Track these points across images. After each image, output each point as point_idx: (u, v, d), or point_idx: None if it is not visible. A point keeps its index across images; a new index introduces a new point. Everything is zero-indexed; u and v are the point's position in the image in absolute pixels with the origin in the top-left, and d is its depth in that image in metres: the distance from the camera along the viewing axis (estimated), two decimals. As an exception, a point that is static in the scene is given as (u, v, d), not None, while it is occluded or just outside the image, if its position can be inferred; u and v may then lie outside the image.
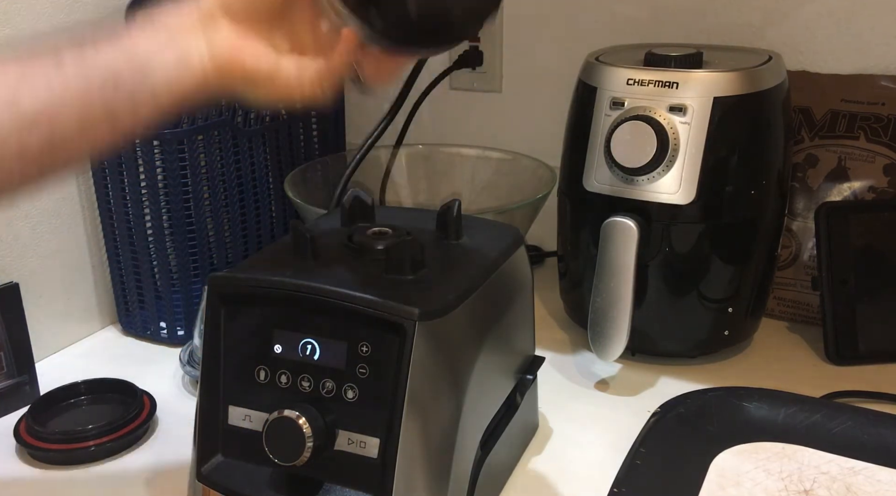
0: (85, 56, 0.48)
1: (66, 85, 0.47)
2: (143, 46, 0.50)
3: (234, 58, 0.51)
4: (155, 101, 0.50)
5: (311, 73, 0.52)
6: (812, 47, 0.91)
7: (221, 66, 0.51)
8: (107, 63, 0.48)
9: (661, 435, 0.68)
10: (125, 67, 0.49)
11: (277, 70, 0.52)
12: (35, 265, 0.87)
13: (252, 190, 0.94)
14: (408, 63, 0.56)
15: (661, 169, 0.75)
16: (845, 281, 0.84)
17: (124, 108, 0.49)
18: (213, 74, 0.51)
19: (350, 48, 0.51)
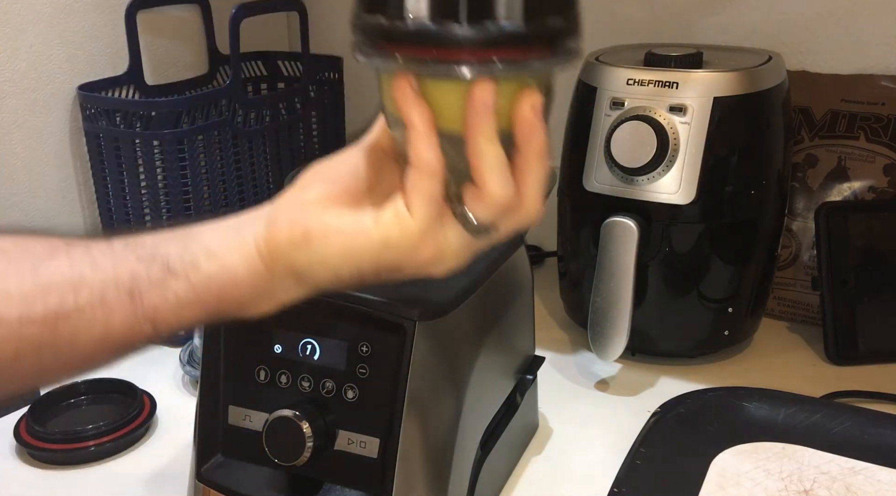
0: (125, 238, 0.44)
1: (92, 261, 0.42)
2: (201, 229, 0.45)
3: (294, 225, 0.43)
4: (193, 277, 0.43)
5: (384, 217, 0.42)
6: (812, 47, 0.91)
7: (276, 235, 0.43)
8: (147, 239, 0.44)
9: (661, 435, 0.68)
10: (170, 246, 0.44)
11: (346, 223, 0.43)
12: (35, 265, 0.87)
13: (252, 190, 0.94)
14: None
15: (661, 169, 0.75)
16: (845, 281, 0.84)
17: (154, 281, 0.42)
18: (267, 253, 0.44)
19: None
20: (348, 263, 0.43)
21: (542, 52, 0.37)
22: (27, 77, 0.83)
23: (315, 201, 0.43)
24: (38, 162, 0.85)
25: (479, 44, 0.36)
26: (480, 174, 0.40)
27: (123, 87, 0.92)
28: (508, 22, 0.36)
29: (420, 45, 0.37)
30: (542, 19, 0.37)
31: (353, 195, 0.44)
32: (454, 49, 0.36)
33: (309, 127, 1.03)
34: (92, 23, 0.88)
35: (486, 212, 0.41)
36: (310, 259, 0.43)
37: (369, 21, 0.38)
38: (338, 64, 1.07)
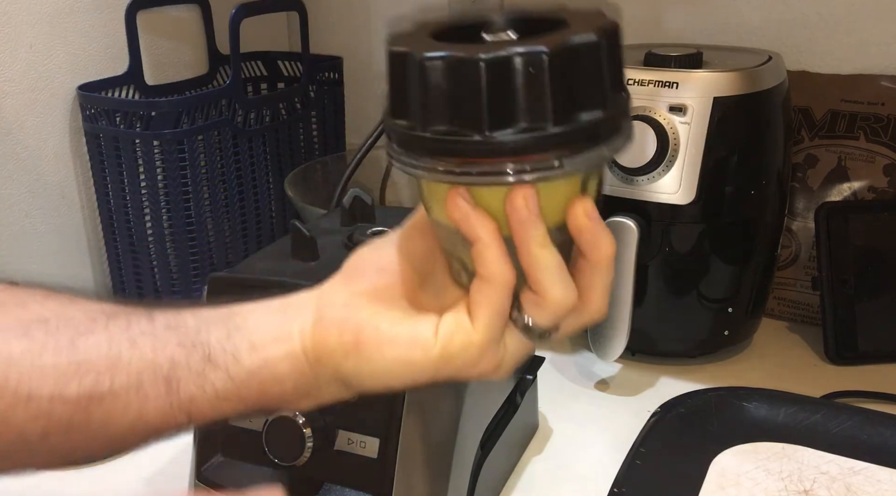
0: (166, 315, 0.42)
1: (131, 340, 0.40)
2: (244, 312, 0.42)
3: (344, 327, 0.40)
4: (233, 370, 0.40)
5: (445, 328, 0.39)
6: (812, 47, 0.91)
7: (324, 337, 0.41)
8: (189, 321, 0.41)
9: (661, 435, 0.68)
10: (212, 331, 0.41)
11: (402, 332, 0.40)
12: (35, 265, 0.87)
13: (252, 190, 0.94)
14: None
15: (660, 169, 0.75)
16: (845, 281, 0.84)
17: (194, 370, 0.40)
18: (312, 351, 0.41)
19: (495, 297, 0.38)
20: (402, 376, 0.40)
21: (580, 149, 0.35)
22: (27, 77, 0.83)
23: (366, 297, 0.40)
24: (38, 162, 0.85)
25: (508, 151, 0.34)
26: (538, 281, 0.37)
27: (123, 87, 0.92)
28: (537, 126, 0.34)
29: (447, 154, 0.35)
30: (575, 117, 0.35)
31: (406, 287, 0.41)
32: (484, 158, 0.35)
33: (309, 127, 1.03)
34: (92, 23, 0.88)
35: (547, 317, 0.39)
36: (359, 369, 0.40)
37: (397, 127, 0.37)
38: (338, 64, 1.07)
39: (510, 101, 0.34)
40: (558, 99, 0.34)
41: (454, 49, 0.34)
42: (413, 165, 0.36)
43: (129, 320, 0.41)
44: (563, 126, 0.34)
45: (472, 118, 0.34)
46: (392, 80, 0.37)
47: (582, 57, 0.34)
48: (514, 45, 0.34)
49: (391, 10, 1.14)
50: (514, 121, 0.34)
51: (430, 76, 0.34)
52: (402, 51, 0.35)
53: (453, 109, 0.34)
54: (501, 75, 0.33)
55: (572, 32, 0.35)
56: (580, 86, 0.35)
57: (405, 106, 0.36)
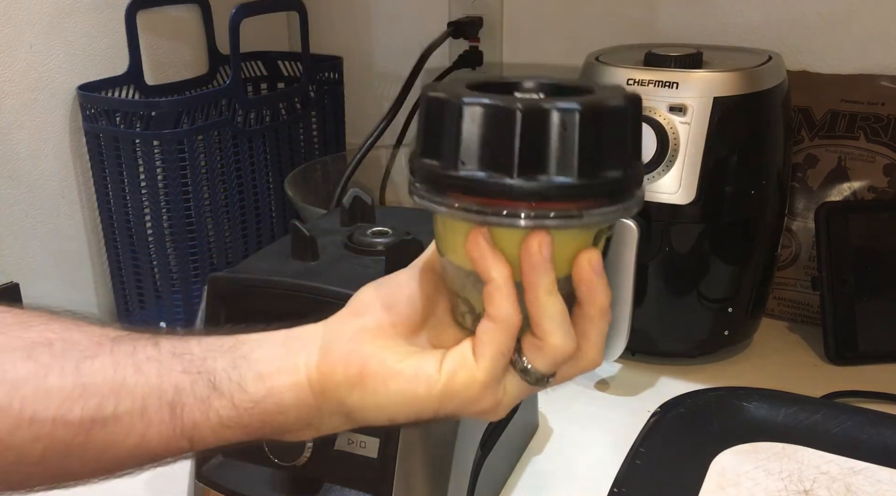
0: (172, 342, 0.42)
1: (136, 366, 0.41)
2: (248, 341, 0.43)
3: (350, 360, 0.41)
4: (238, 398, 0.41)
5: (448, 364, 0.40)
6: (812, 47, 0.91)
7: (330, 369, 0.41)
8: (195, 349, 0.42)
9: (661, 435, 0.68)
10: (217, 359, 0.42)
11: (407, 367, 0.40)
12: (35, 265, 0.87)
13: (252, 190, 0.94)
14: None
15: (661, 169, 0.75)
16: (845, 281, 0.84)
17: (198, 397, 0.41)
18: (317, 383, 0.41)
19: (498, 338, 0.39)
20: (405, 411, 0.41)
21: (600, 204, 0.37)
22: (27, 77, 0.83)
23: (371, 332, 0.41)
24: (38, 162, 0.85)
25: (533, 196, 0.36)
26: (541, 327, 0.39)
27: (123, 87, 0.92)
28: (563, 176, 0.36)
29: (473, 194, 0.37)
30: (599, 173, 0.37)
31: (409, 325, 0.42)
32: (508, 200, 0.36)
33: (309, 127, 1.03)
34: (92, 23, 0.88)
35: (546, 363, 0.40)
36: (364, 402, 0.41)
37: (425, 165, 0.38)
38: (338, 64, 1.07)
39: (541, 150, 0.36)
40: (586, 154, 0.36)
41: (493, 97, 0.36)
42: (438, 202, 0.38)
43: (135, 345, 0.41)
44: (587, 179, 0.36)
45: (504, 162, 0.36)
46: (427, 122, 0.39)
47: (611, 118, 0.37)
48: (550, 101, 0.36)
49: (391, 10, 1.14)
50: (543, 169, 0.36)
51: (467, 119, 0.36)
52: (441, 96, 0.37)
53: (486, 152, 0.36)
54: (536, 125, 0.35)
55: (603, 96, 0.37)
56: (606, 145, 0.37)
57: (437, 147, 0.38)
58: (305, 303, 0.57)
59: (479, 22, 1.06)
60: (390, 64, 1.16)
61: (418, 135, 0.40)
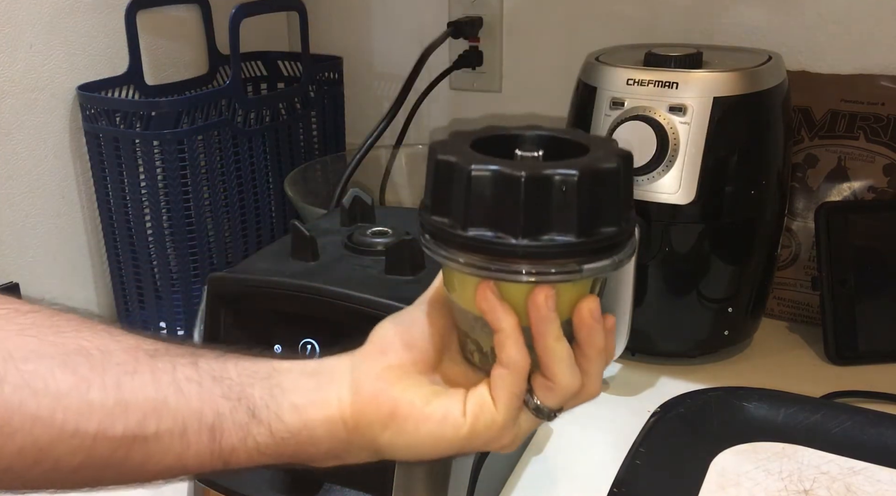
0: (211, 364, 0.43)
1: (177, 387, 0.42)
2: (283, 371, 0.44)
3: (380, 400, 0.43)
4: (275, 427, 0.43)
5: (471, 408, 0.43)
6: (812, 47, 0.91)
7: (362, 408, 0.43)
8: (234, 375, 0.43)
9: (661, 435, 0.68)
10: (255, 386, 0.43)
11: (436, 411, 0.43)
12: (35, 265, 0.87)
13: (252, 190, 0.94)
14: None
15: (661, 169, 0.75)
16: (845, 281, 0.84)
17: (237, 423, 0.42)
18: (350, 419, 0.43)
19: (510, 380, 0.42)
20: (433, 450, 0.44)
21: (598, 258, 0.40)
22: (27, 77, 0.83)
23: (397, 372, 0.44)
24: (38, 162, 0.85)
25: (536, 255, 0.39)
26: (551, 370, 0.42)
27: (123, 87, 0.92)
28: (564, 236, 0.39)
29: (482, 252, 0.40)
30: (596, 230, 0.40)
31: (428, 362, 0.45)
32: (514, 259, 0.39)
33: (309, 127, 1.03)
34: (92, 23, 0.88)
35: (556, 400, 0.43)
36: (395, 441, 0.44)
37: (435, 223, 0.41)
38: (338, 64, 1.07)
39: (543, 212, 0.39)
40: (584, 214, 0.39)
41: (498, 163, 0.39)
42: (448, 258, 0.41)
43: (174, 364, 0.42)
44: (585, 237, 0.39)
45: (510, 224, 0.39)
46: (435, 183, 0.42)
47: (606, 180, 0.40)
48: (550, 167, 0.39)
49: (391, 10, 1.14)
50: (546, 230, 0.39)
51: (475, 185, 0.39)
52: (451, 160, 0.40)
53: (493, 215, 0.39)
54: (538, 190, 0.38)
55: (598, 158, 0.40)
56: (602, 204, 0.40)
57: (447, 207, 0.41)
58: (305, 303, 0.57)
59: (479, 22, 1.06)
60: (390, 64, 1.16)
61: (428, 192, 0.42)
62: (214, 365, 0.43)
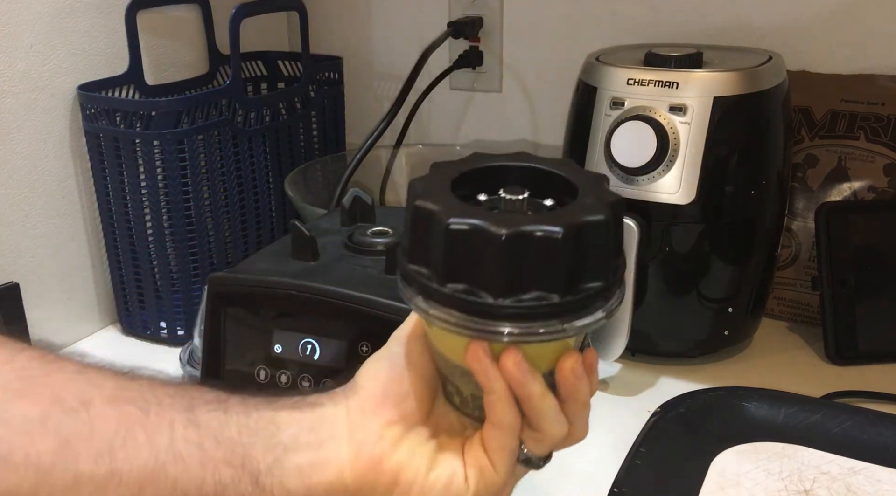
0: (211, 419, 0.41)
1: (176, 451, 0.39)
2: (283, 426, 0.42)
3: (384, 467, 0.42)
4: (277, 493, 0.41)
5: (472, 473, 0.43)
6: (812, 47, 0.91)
7: (364, 474, 0.42)
8: (236, 436, 0.41)
9: (661, 435, 0.68)
10: (257, 447, 0.41)
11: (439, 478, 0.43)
12: (35, 265, 0.87)
13: (252, 190, 0.94)
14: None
15: (661, 169, 0.75)
16: (845, 281, 0.84)
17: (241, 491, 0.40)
18: (352, 483, 0.43)
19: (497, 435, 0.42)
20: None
21: (582, 315, 0.39)
22: (27, 77, 0.83)
23: (397, 430, 0.43)
24: (38, 162, 0.85)
25: (517, 317, 0.37)
26: (538, 424, 0.42)
27: (123, 87, 0.92)
28: (547, 294, 0.37)
29: (462, 310, 0.38)
30: (581, 287, 0.38)
31: (422, 416, 0.44)
32: (495, 320, 0.38)
33: (309, 127, 1.03)
34: (92, 23, 0.88)
35: (544, 450, 0.44)
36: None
37: (414, 272, 0.39)
38: (338, 64, 1.07)
39: (525, 271, 0.37)
40: (567, 273, 0.37)
41: (477, 216, 0.37)
42: (428, 313, 0.39)
43: (172, 421, 0.39)
44: (568, 296, 0.38)
45: (487, 283, 0.37)
46: (413, 230, 0.39)
47: (593, 235, 0.38)
48: (532, 220, 0.37)
49: (391, 10, 1.14)
50: (525, 289, 0.37)
51: (454, 240, 0.37)
52: (429, 208, 0.38)
53: (472, 272, 0.37)
54: (519, 249, 0.36)
55: (585, 208, 0.38)
56: (587, 260, 0.38)
57: (425, 256, 0.39)
58: (305, 303, 0.57)
59: (479, 22, 1.06)
60: (390, 64, 1.16)
61: (406, 235, 0.40)
62: (214, 420, 0.41)
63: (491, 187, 0.41)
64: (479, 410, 0.43)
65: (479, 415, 0.43)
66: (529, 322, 0.38)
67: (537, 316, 0.37)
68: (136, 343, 0.93)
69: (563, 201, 0.41)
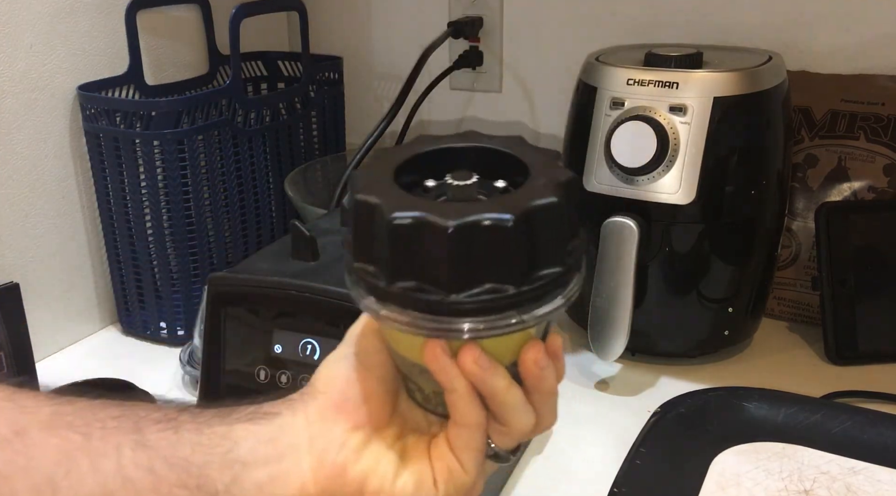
0: (160, 440, 0.38)
1: (125, 477, 0.36)
2: (240, 440, 0.40)
3: (348, 477, 0.40)
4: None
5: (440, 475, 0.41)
6: (812, 47, 0.91)
7: (328, 485, 0.40)
8: (189, 455, 0.38)
9: (661, 435, 0.68)
10: (213, 465, 0.39)
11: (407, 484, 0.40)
12: (35, 265, 0.87)
13: (252, 190, 0.94)
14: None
15: (661, 169, 0.75)
16: (845, 281, 0.84)
17: None
18: (314, 492, 0.41)
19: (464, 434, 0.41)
20: None
21: (540, 304, 0.36)
22: (27, 77, 0.83)
23: (360, 436, 0.41)
24: (38, 162, 0.85)
25: (470, 312, 0.35)
26: (505, 418, 0.40)
27: (123, 87, 0.92)
28: (499, 285, 0.35)
29: (412, 308, 0.36)
30: (536, 274, 0.36)
31: (384, 418, 0.42)
32: (447, 316, 0.35)
33: (309, 127, 1.03)
34: (92, 23, 0.88)
35: (512, 443, 0.42)
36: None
37: (360, 270, 0.37)
38: (338, 64, 1.07)
39: (475, 264, 0.34)
40: (520, 262, 0.35)
41: (422, 208, 0.34)
42: (378, 313, 0.37)
43: (119, 448, 0.37)
44: (525, 285, 0.35)
45: (438, 278, 0.35)
46: (356, 225, 0.37)
47: (546, 219, 0.35)
48: (480, 209, 0.34)
49: (391, 10, 1.14)
50: (478, 282, 0.35)
51: (398, 235, 0.35)
52: (371, 201, 0.35)
53: (419, 268, 0.35)
54: (468, 241, 0.34)
55: (536, 191, 0.35)
56: (542, 246, 0.35)
57: (370, 253, 0.36)
58: (305, 303, 0.57)
59: (479, 22, 1.06)
60: (390, 64, 1.16)
61: (349, 231, 0.38)
62: (164, 441, 0.38)
63: (439, 172, 0.39)
64: (442, 406, 0.41)
65: (443, 410, 0.42)
66: (485, 316, 0.35)
67: (493, 309, 0.35)
68: (136, 343, 0.93)
69: (515, 182, 0.39)
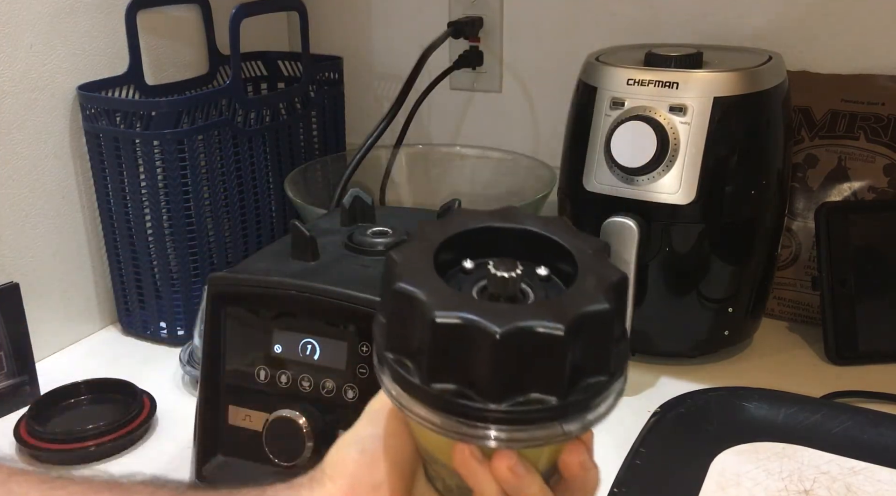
0: None
1: None
2: None
3: None
4: None
5: None
6: (812, 47, 0.91)
7: None
8: None
9: (661, 435, 0.68)
10: None
11: None
12: (35, 265, 0.87)
13: (252, 190, 0.94)
14: None
15: (661, 169, 0.75)
16: (845, 281, 0.84)
17: None
18: None
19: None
20: None
21: (583, 414, 0.34)
22: (27, 77, 0.83)
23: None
24: (38, 162, 0.85)
25: (512, 421, 0.33)
26: None
27: (123, 87, 0.92)
28: (544, 396, 0.33)
29: (448, 412, 0.34)
30: (581, 384, 0.34)
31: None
32: (486, 423, 0.33)
33: (309, 127, 1.03)
34: (92, 23, 0.88)
35: None
36: None
37: (394, 363, 0.35)
38: (338, 64, 1.07)
39: (520, 373, 0.33)
40: (568, 372, 0.33)
41: (468, 308, 0.32)
42: (410, 410, 0.35)
43: None
44: (570, 396, 0.33)
45: (480, 385, 0.33)
46: (394, 315, 0.35)
47: (596, 327, 0.33)
48: (529, 316, 0.32)
49: (391, 10, 1.14)
50: (521, 392, 0.33)
51: (440, 336, 0.32)
52: (413, 294, 0.33)
53: (460, 373, 0.33)
54: (516, 349, 0.32)
55: (587, 295, 0.34)
56: (589, 356, 0.34)
57: (407, 347, 0.34)
58: (305, 303, 0.57)
59: (479, 22, 1.06)
60: (390, 64, 1.16)
61: (384, 314, 0.36)
62: None
63: (477, 249, 0.37)
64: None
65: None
66: (526, 426, 0.33)
67: (535, 420, 0.33)
68: (136, 343, 0.93)
69: (556, 268, 0.37)
